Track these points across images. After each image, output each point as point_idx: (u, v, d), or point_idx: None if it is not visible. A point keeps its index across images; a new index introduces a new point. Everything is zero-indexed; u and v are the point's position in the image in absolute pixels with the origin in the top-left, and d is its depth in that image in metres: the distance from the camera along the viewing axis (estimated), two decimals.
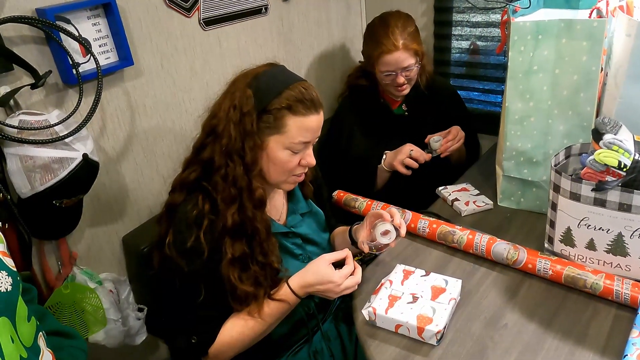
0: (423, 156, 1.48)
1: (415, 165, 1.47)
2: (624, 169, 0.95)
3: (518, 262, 1.11)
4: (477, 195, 1.43)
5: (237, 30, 1.51)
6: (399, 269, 1.10)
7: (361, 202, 1.40)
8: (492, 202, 1.39)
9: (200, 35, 1.41)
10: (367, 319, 1.00)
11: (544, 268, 1.07)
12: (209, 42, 1.44)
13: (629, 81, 1.06)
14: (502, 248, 1.14)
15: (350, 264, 1.01)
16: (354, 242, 1.14)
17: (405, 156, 1.48)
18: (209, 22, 1.42)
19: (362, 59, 1.67)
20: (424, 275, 1.08)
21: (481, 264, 1.17)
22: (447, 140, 1.51)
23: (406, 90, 1.57)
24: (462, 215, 1.36)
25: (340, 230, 1.25)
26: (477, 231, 1.21)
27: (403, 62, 1.50)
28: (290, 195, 1.15)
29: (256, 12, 1.55)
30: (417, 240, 1.27)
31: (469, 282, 1.11)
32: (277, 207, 1.11)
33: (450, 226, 1.23)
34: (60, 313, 1.15)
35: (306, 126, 0.97)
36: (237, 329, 1.00)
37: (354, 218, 1.39)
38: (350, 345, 1.18)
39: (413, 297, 1.01)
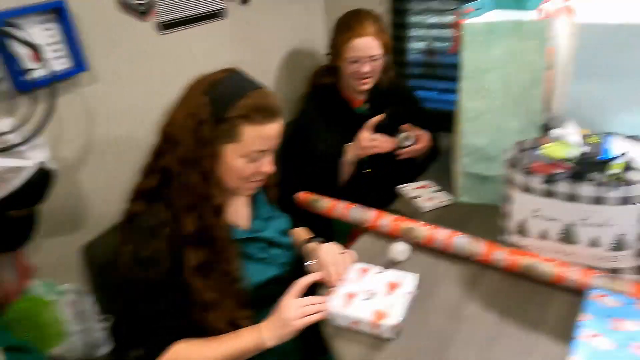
0: (386, 141, 1.51)
1: (378, 139, 1.50)
2: (571, 161, 1.00)
3: (476, 255, 1.15)
4: (437, 191, 1.47)
5: (195, 35, 1.51)
6: (355, 266, 1.13)
7: (324, 203, 1.41)
8: (452, 198, 1.43)
9: (157, 40, 1.40)
10: (326, 317, 1.01)
11: (501, 258, 1.12)
12: (166, 46, 1.43)
13: (573, 78, 1.12)
14: (462, 241, 1.17)
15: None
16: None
17: (366, 136, 1.50)
18: (166, 26, 1.41)
19: (325, 61, 1.68)
20: (380, 272, 1.10)
21: (442, 257, 1.20)
22: (414, 148, 1.57)
23: (368, 84, 1.59)
24: (423, 211, 1.39)
25: (298, 237, 1.26)
26: (438, 226, 1.24)
27: (372, 50, 1.52)
28: (253, 200, 1.15)
29: (214, 15, 1.54)
30: (381, 238, 1.29)
31: (431, 276, 1.14)
32: (240, 212, 1.11)
33: (412, 222, 1.26)
34: (18, 328, 1.11)
35: (263, 135, 0.97)
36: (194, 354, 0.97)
37: (317, 218, 1.41)
38: None
39: (369, 294, 1.03)
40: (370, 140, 1.49)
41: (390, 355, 0.94)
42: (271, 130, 0.98)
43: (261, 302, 1.06)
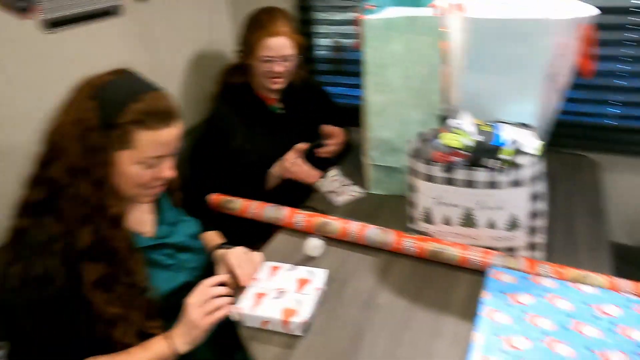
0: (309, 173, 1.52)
1: (302, 167, 1.51)
2: (466, 150, 1.06)
3: (387, 244, 1.19)
4: (350, 185, 1.50)
5: (87, 34, 1.41)
6: (266, 265, 1.12)
7: (237, 203, 1.38)
8: (364, 191, 1.47)
9: (42, 40, 1.29)
10: (236, 319, 1.00)
11: (410, 246, 1.16)
12: (53, 46, 1.32)
13: (465, 70, 1.18)
14: (373, 232, 1.21)
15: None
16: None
17: (290, 159, 1.50)
18: (54, 25, 1.31)
19: (235, 59, 1.65)
20: (291, 269, 1.11)
21: (356, 249, 1.23)
22: (331, 142, 1.59)
23: (280, 84, 1.58)
24: (337, 205, 1.42)
25: (209, 242, 1.23)
26: (350, 219, 1.27)
27: (285, 49, 1.51)
28: (158, 205, 1.10)
29: (108, 13, 1.46)
30: (296, 235, 1.29)
31: (345, 269, 1.16)
32: (142, 219, 1.05)
33: (325, 217, 1.27)
34: None
35: (159, 140, 0.92)
36: None
37: (231, 219, 1.38)
38: None
39: (279, 292, 1.03)
40: (292, 164, 1.48)
41: (305, 351, 0.94)
42: (168, 135, 0.93)
43: (174, 310, 1.02)
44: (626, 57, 1.55)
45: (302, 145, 1.45)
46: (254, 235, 1.42)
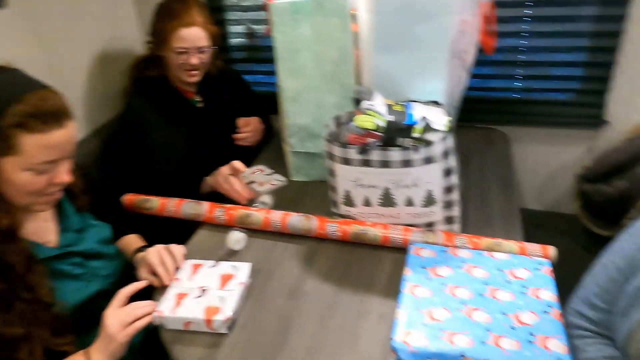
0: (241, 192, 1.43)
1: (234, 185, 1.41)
2: (380, 130, 1.07)
3: (311, 230, 1.18)
4: (272, 174, 1.47)
5: None
6: (187, 264, 1.08)
7: (154, 202, 1.32)
8: (285, 179, 1.44)
9: None
10: (157, 323, 0.95)
11: (333, 230, 1.16)
12: None
13: (376, 52, 1.19)
14: (296, 220, 1.19)
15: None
16: None
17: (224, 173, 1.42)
18: None
19: (144, 50, 1.56)
20: (213, 266, 1.07)
21: (280, 239, 1.21)
22: (245, 131, 1.54)
23: (197, 77, 1.52)
24: (259, 195, 1.39)
25: (128, 246, 1.17)
26: (272, 209, 1.25)
27: (200, 40, 1.44)
28: (59, 212, 1.02)
29: None
30: (218, 230, 1.25)
31: (270, 259, 1.15)
32: (42, 228, 0.97)
33: (246, 209, 1.24)
34: None
35: (48, 144, 0.84)
36: None
37: (150, 220, 1.32)
38: None
39: (201, 290, 1.00)
40: (225, 180, 1.40)
41: (231, 348, 0.92)
42: (58, 138, 0.85)
43: (88, 322, 0.95)
44: (525, 33, 1.63)
45: (239, 165, 1.37)
46: (177, 233, 1.37)
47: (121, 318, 0.89)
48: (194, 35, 1.43)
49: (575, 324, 0.90)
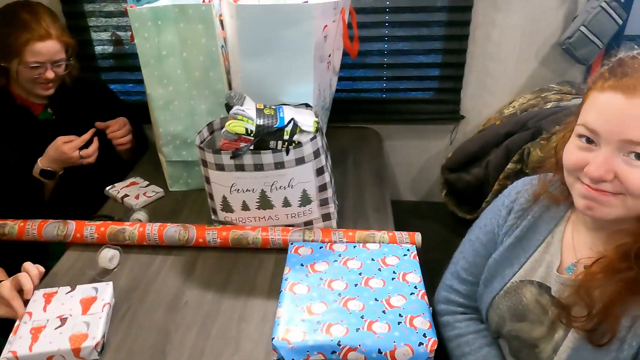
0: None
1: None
2: (251, 135, 1.08)
3: (190, 240, 1.15)
4: (147, 186, 1.42)
5: None
6: (38, 295, 0.98)
7: (12, 227, 1.20)
8: (162, 190, 1.40)
9: None
10: None
11: (213, 238, 1.15)
12: None
13: (242, 57, 1.20)
14: (173, 231, 1.16)
15: None
16: None
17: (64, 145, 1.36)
18: None
19: None
20: (70, 292, 0.99)
21: (158, 252, 1.17)
22: (111, 130, 1.45)
23: (51, 90, 1.41)
24: (135, 209, 1.32)
25: None
26: (147, 222, 1.20)
27: (56, 54, 1.34)
28: None
29: None
30: (88, 250, 1.17)
31: (148, 274, 1.10)
32: None
33: (119, 224, 1.18)
34: None
35: None
36: None
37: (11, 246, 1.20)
38: None
39: (61, 320, 0.92)
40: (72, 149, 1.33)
41: None
42: None
43: None
44: (386, 37, 1.75)
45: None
46: (44, 257, 1.26)
47: None
48: (49, 49, 1.32)
49: (448, 299, 0.98)
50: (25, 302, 0.96)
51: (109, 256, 1.09)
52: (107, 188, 1.41)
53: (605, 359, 0.71)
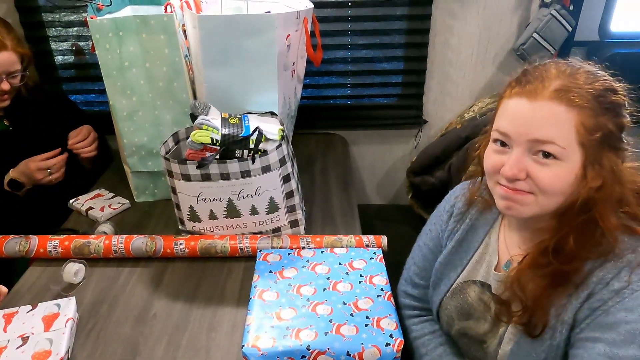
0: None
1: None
2: (217, 144, 1.09)
3: (157, 251, 1.15)
4: (112, 197, 1.40)
5: None
6: None
7: None
8: (127, 201, 1.39)
9: None
10: None
11: (181, 248, 1.15)
12: None
13: (206, 67, 1.20)
14: (140, 242, 1.15)
15: None
16: None
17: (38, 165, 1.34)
18: None
19: None
20: (31, 310, 0.97)
21: (125, 264, 1.16)
22: (75, 141, 1.43)
23: (7, 101, 1.38)
24: (100, 222, 1.31)
25: None
26: (113, 234, 1.19)
27: (11, 65, 1.31)
28: None
29: None
30: (52, 265, 1.15)
31: (115, 287, 1.09)
32: None
33: (84, 238, 1.16)
34: None
35: None
36: None
37: None
38: None
39: (23, 339, 0.90)
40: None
41: None
42: None
43: None
44: (349, 45, 1.78)
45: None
46: (9, 275, 1.23)
47: None
48: (4, 61, 1.30)
49: (404, 304, 1.02)
50: None
51: (74, 270, 1.08)
52: (71, 201, 1.39)
53: (541, 347, 0.76)
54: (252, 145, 1.10)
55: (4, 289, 1.00)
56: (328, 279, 1.04)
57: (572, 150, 0.70)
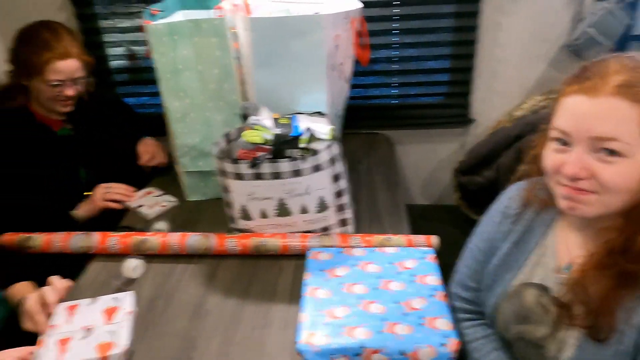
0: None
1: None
2: (268, 144, 1.11)
3: (210, 249, 1.18)
4: (161, 195, 1.45)
5: None
6: (60, 308, 1.00)
7: (36, 239, 1.23)
8: (176, 199, 1.43)
9: None
10: None
11: (233, 246, 1.17)
12: None
13: (256, 68, 1.23)
14: (194, 240, 1.19)
15: None
16: None
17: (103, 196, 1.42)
18: None
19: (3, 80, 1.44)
20: (92, 303, 1.02)
21: (179, 261, 1.19)
22: (147, 160, 1.54)
23: (71, 106, 1.45)
24: (149, 219, 1.35)
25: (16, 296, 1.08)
26: (167, 232, 1.23)
27: (76, 72, 1.38)
28: None
29: None
30: (113, 260, 1.20)
31: (170, 283, 1.13)
32: None
33: (141, 235, 1.21)
34: None
35: None
36: None
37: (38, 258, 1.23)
38: None
39: (86, 330, 0.94)
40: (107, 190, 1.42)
41: None
42: None
43: None
44: (395, 44, 1.78)
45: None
46: (71, 267, 1.29)
47: None
48: (69, 68, 1.37)
49: (455, 307, 1.00)
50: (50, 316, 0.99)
51: (132, 266, 1.12)
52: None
53: (608, 353, 0.73)
54: (302, 145, 1.11)
55: (68, 282, 1.05)
56: (379, 278, 1.03)
57: (637, 146, 0.68)
